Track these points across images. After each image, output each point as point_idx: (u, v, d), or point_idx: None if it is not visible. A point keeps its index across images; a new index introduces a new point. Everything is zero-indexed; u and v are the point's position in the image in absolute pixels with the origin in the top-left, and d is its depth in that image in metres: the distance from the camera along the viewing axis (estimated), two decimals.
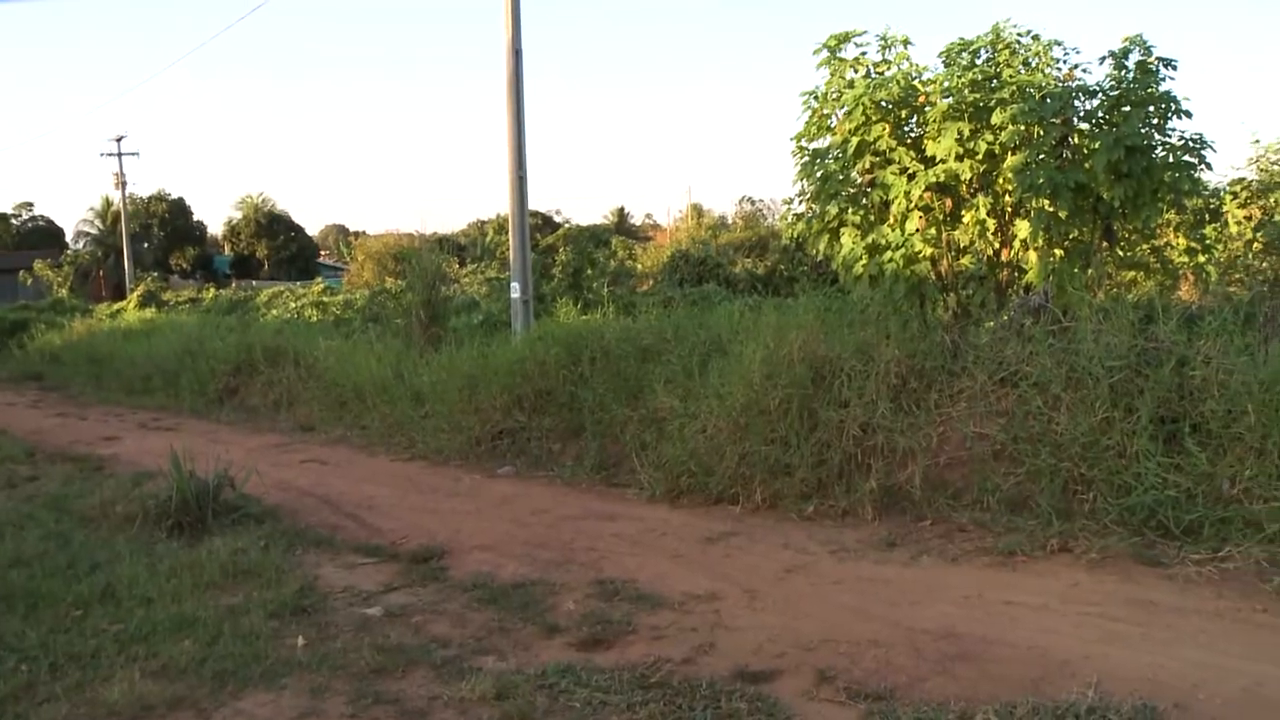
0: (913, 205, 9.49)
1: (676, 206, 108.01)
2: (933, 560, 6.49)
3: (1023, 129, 9.16)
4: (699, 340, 9.75)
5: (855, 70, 10.19)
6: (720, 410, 8.36)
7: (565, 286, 21.03)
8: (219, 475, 8.26)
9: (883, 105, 9.81)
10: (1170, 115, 9.20)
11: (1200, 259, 10.51)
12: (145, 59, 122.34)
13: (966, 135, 9.24)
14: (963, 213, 9.71)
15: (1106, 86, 9.41)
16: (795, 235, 10.95)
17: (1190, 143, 9.24)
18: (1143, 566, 6.00)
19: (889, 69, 10.14)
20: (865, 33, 10.21)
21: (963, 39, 9.94)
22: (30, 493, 9.77)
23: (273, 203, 65.73)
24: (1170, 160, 9.15)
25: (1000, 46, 9.71)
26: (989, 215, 9.44)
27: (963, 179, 9.41)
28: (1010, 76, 9.43)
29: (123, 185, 50.36)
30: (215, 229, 67.92)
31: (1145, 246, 10.09)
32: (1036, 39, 9.77)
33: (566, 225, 41.11)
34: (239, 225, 64.21)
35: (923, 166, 9.48)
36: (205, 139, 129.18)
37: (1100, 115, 9.43)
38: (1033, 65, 9.67)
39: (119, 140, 49.26)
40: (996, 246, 9.79)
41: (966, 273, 10.44)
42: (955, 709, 4.35)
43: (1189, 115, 9.19)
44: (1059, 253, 9.38)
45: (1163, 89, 9.18)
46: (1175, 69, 9.24)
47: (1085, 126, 9.48)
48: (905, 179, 9.49)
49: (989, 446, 7.33)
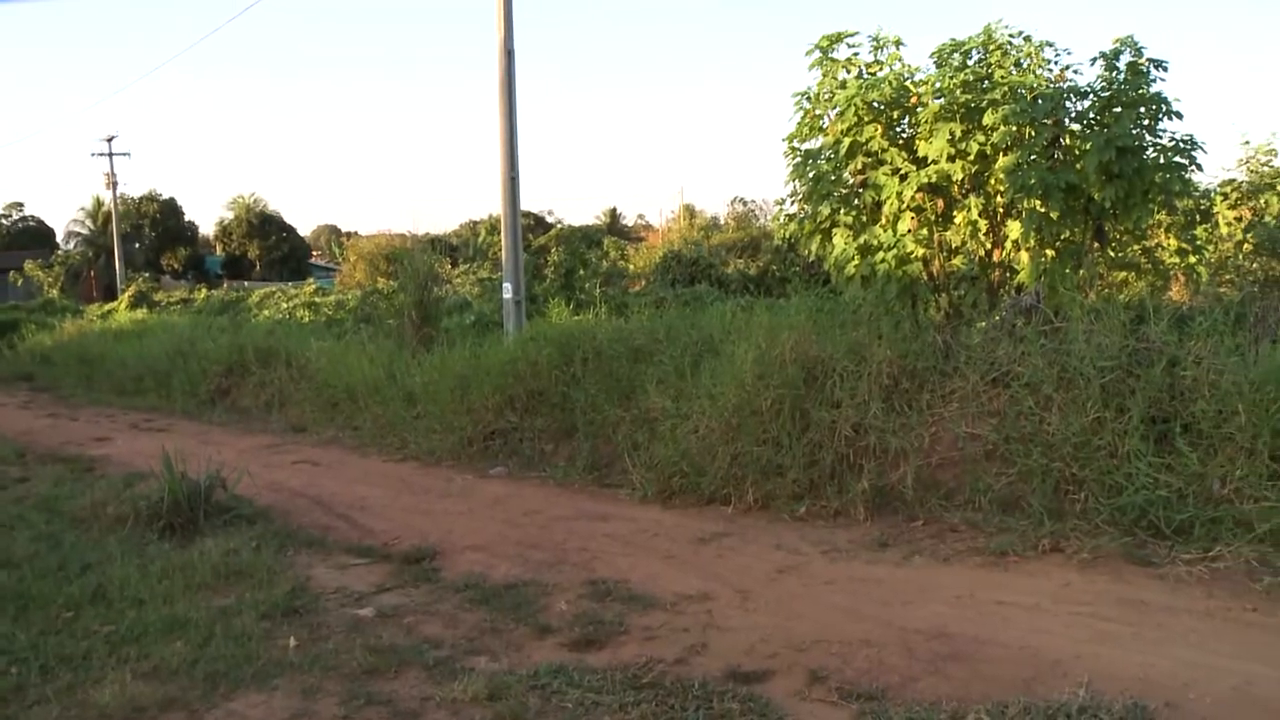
0: (905, 206, 9.52)
1: (669, 207, 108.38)
2: (925, 560, 6.49)
3: (1014, 130, 9.19)
4: (691, 341, 9.73)
5: (847, 71, 10.23)
6: (712, 411, 8.35)
7: (557, 287, 21.00)
8: (211, 476, 8.24)
9: (875, 106, 9.85)
10: (1161, 116, 9.24)
11: (1191, 260, 10.53)
12: (136, 59, 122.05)
13: (958, 136, 9.27)
14: (954, 213, 9.74)
15: (1098, 87, 9.45)
16: (787, 236, 10.99)
17: (1181, 144, 9.28)
18: (1134, 566, 6.01)
19: (881, 70, 10.18)
20: (857, 33, 10.27)
21: (954, 40, 9.98)
22: (21, 494, 9.73)
23: (264, 203, 65.62)
24: (1161, 161, 9.19)
25: (992, 47, 9.74)
26: (981, 216, 9.47)
27: (954, 180, 9.44)
28: (1002, 77, 9.47)
29: (114, 185, 50.32)
30: (207, 229, 67.79)
31: (1136, 247, 10.13)
32: (1028, 40, 9.80)
33: (559, 226, 41.14)
34: (231, 226, 64.04)
35: (915, 167, 9.51)
36: (197, 139, 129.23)
37: (1091, 116, 9.46)
38: (1024, 66, 9.71)
39: (110, 140, 49.28)
40: (988, 247, 9.82)
41: (958, 273, 10.47)
42: (947, 709, 4.35)
43: (1180, 116, 9.25)
44: (1050, 253, 9.40)
45: (1154, 90, 9.23)
46: (1166, 70, 9.30)
47: (1077, 127, 9.52)
48: (897, 180, 9.52)
49: (981, 447, 7.33)
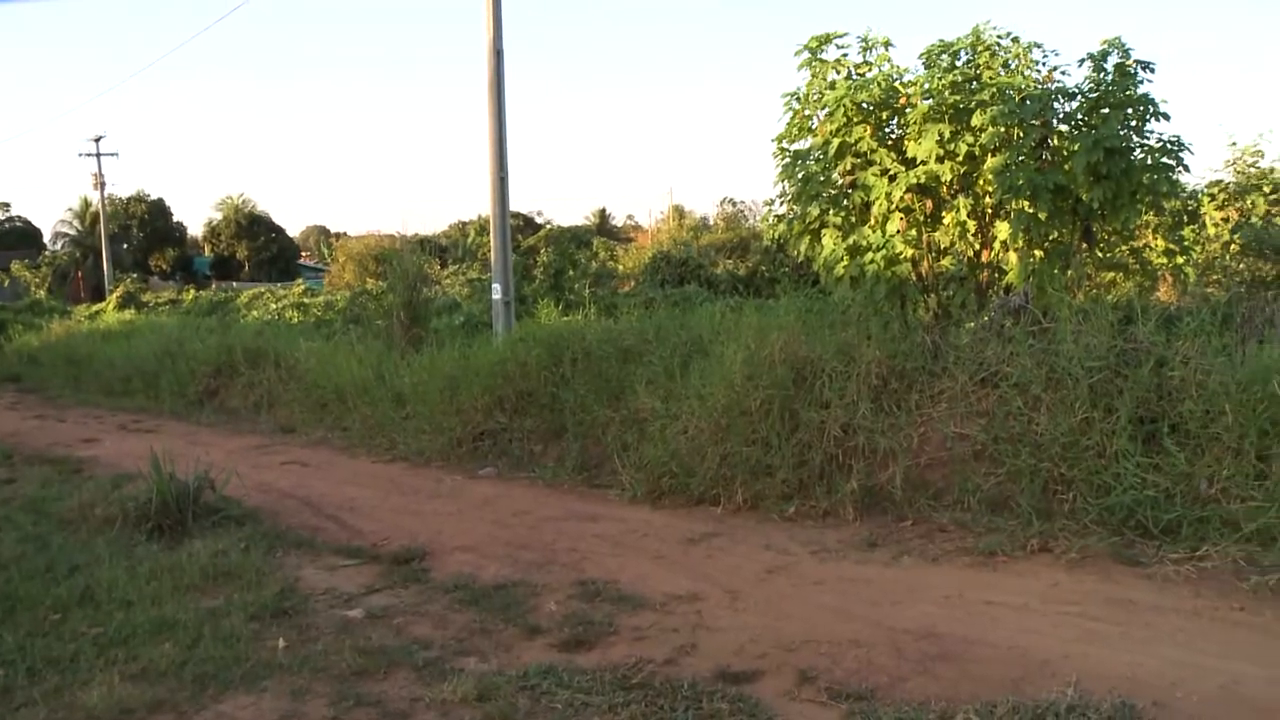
0: (894, 207, 9.53)
1: (658, 208, 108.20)
2: (914, 560, 6.50)
3: (1003, 131, 9.21)
4: (680, 341, 9.73)
5: (836, 72, 10.24)
6: (701, 411, 8.35)
7: (547, 288, 21.01)
8: (199, 477, 8.21)
9: (864, 107, 9.86)
10: (1148, 117, 9.27)
11: (1178, 260, 10.58)
12: (124, 59, 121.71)
13: (947, 137, 9.29)
14: (943, 214, 9.77)
15: (1085, 89, 9.48)
16: (776, 236, 10.99)
17: (1168, 145, 9.31)
18: (1122, 566, 6.03)
19: (870, 71, 10.20)
20: (846, 34, 10.28)
21: (943, 41, 10.01)
22: (8, 495, 9.69)
23: (253, 204, 65.55)
24: (1149, 162, 9.22)
25: (980, 48, 9.76)
26: (969, 216, 9.50)
27: (943, 180, 9.46)
28: (990, 78, 9.49)
29: (101, 186, 50.22)
30: (195, 230, 67.69)
31: (1124, 248, 10.16)
32: (1016, 41, 9.83)
33: (548, 226, 41.07)
34: (219, 226, 63.90)
35: (903, 168, 9.53)
36: (185, 140, 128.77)
37: (1079, 117, 9.49)
38: (1012, 67, 9.74)
39: (98, 140, 49.21)
40: (977, 248, 9.84)
41: (947, 274, 10.49)
42: (936, 709, 4.36)
43: (1167, 117, 9.28)
44: (1039, 254, 9.43)
45: (1141, 91, 9.25)
46: (1153, 72, 9.32)
47: (1064, 128, 9.55)
48: (886, 180, 9.54)
49: (969, 447, 7.35)
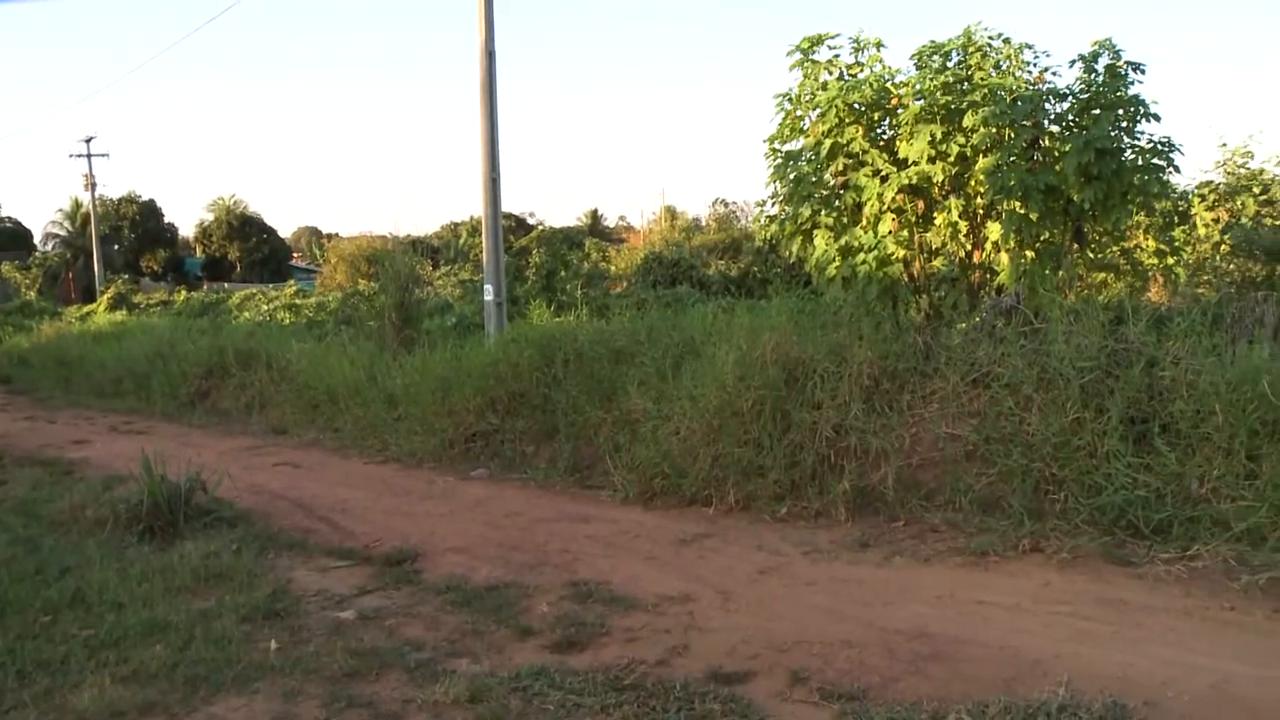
0: (885, 207, 9.54)
1: (650, 208, 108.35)
2: (905, 561, 6.51)
3: (994, 131, 9.23)
4: (672, 342, 9.72)
5: (828, 73, 10.25)
6: (693, 412, 8.35)
7: (539, 289, 20.99)
8: (191, 479, 8.19)
9: (855, 107, 9.88)
10: (1139, 118, 9.30)
11: (1169, 261, 10.62)
12: (115, 60, 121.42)
13: (939, 138, 9.30)
14: (935, 215, 9.78)
15: (1076, 90, 9.50)
16: (768, 237, 11.02)
17: (1159, 146, 9.34)
18: (1113, 566, 6.05)
19: (862, 71, 10.21)
20: (838, 35, 10.31)
21: (934, 41, 10.02)
22: None
23: (245, 204, 65.23)
24: (1139, 163, 9.25)
25: (972, 49, 9.78)
26: (961, 217, 9.51)
27: (935, 181, 9.47)
28: (981, 79, 9.51)
29: (92, 187, 50.07)
30: (186, 231, 67.31)
31: (1115, 248, 10.20)
32: (1007, 42, 9.85)
33: (540, 227, 41.14)
34: (210, 227, 63.67)
35: (895, 169, 9.54)
36: (177, 140, 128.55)
37: (1070, 118, 9.51)
38: (1004, 68, 9.75)
39: (88, 141, 49.04)
40: (968, 248, 9.86)
41: (939, 274, 10.51)
42: (928, 709, 4.36)
43: (1157, 119, 9.31)
44: (1030, 254, 9.45)
45: (1131, 92, 9.28)
46: (1143, 73, 9.36)
47: (1056, 129, 9.57)
48: (878, 181, 9.55)
49: (961, 447, 7.36)
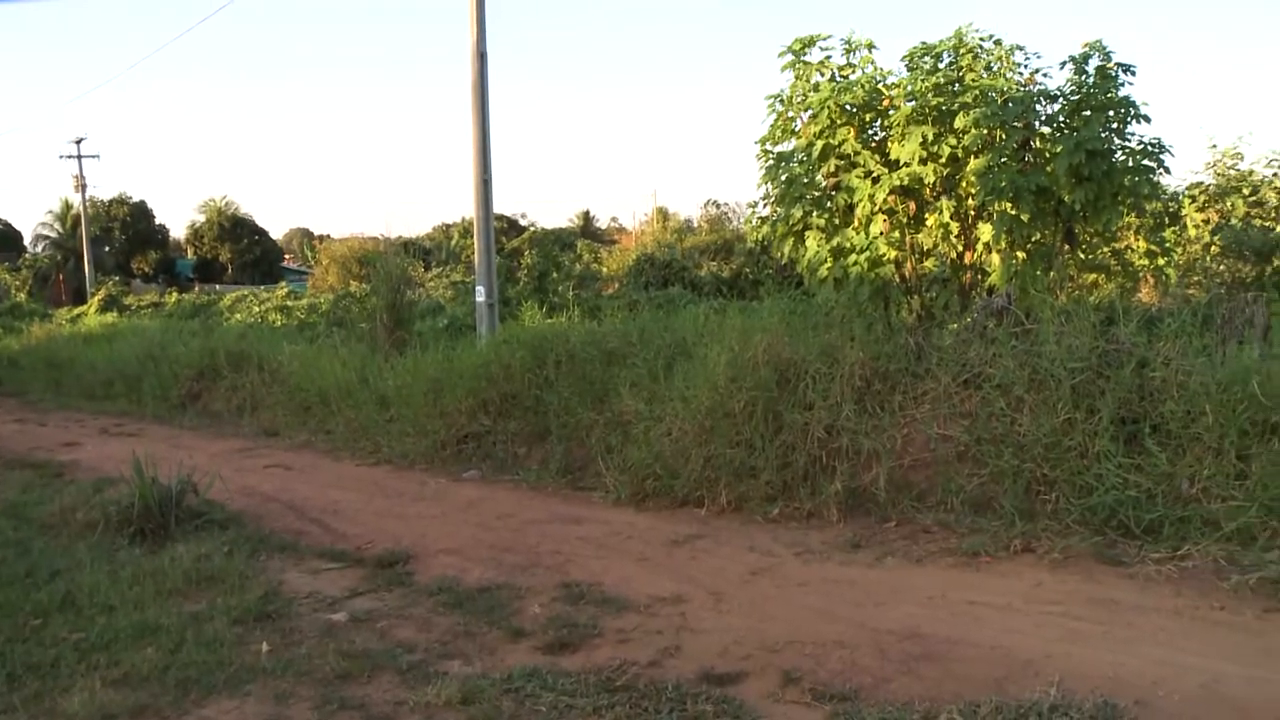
0: (877, 208, 9.56)
1: (642, 210, 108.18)
2: (897, 561, 6.51)
3: (985, 133, 9.25)
4: (664, 343, 9.72)
5: (820, 74, 10.26)
6: (685, 413, 8.35)
7: (530, 290, 20.96)
8: (182, 481, 8.17)
9: (847, 109, 9.89)
10: (1129, 120, 9.32)
11: (1160, 262, 10.63)
12: (106, 60, 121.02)
13: (930, 139, 9.31)
14: (926, 216, 9.80)
15: (1067, 91, 9.52)
16: (760, 238, 11.03)
17: (1149, 147, 9.36)
18: (1104, 566, 6.06)
19: (853, 73, 10.22)
20: (830, 37, 10.32)
21: (925, 43, 10.04)
22: None
23: (236, 206, 65.18)
24: (1130, 164, 9.27)
25: (963, 51, 9.80)
26: (952, 218, 9.53)
27: (926, 182, 9.49)
28: (973, 80, 9.53)
29: (83, 188, 49.96)
30: (178, 232, 67.25)
31: (1106, 249, 10.21)
32: (998, 44, 9.87)
33: (532, 229, 41.06)
34: (202, 229, 63.58)
35: (887, 170, 9.56)
36: (168, 142, 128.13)
37: (1061, 119, 9.54)
38: (995, 70, 9.77)
39: (79, 142, 48.96)
40: (960, 249, 9.88)
41: (930, 275, 10.52)
42: (920, 709, 4.37)
43: (1148, 120, 9.33)
44: (1021, 255, 9.47)
45: (1122, 94, 9.30)
46: (1134, 74, 9.37)
47: (1046, 130, 9.60)
48: (869, 182, 9.56)
49: (953, 448, 7.37)
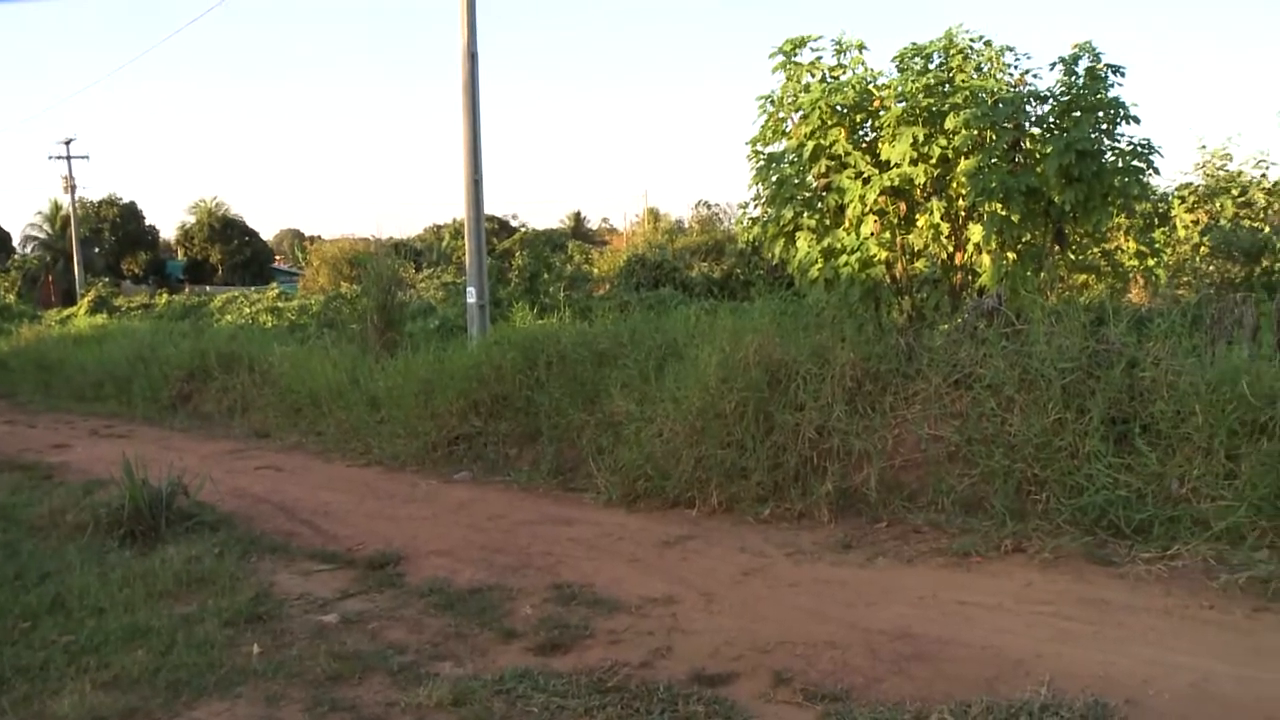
0: (868, 209, 9.57)
1: (633, 211, 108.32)
2: (888, 561, 6.52)
3: (975, 133, 9.27)
4: (655, 344, 9.72)
5: (811, 75, 10.27)
6: (676, 414, 8.35)
7: (521, 291, 20.94)
8: (172, 482, 8.15)
9: (838, 110, 9.90)
10: (1119, 120, 9.35)
11: (1149, 262, 10.67)
12: (95, 61, 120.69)
13: (921, 140, 9.33)
14: (917, 216, 9.81)
15: (1057, 92, 9.55)
16: (751, 239, 11.04)
17: (1139, 148, 9.39)
18: (1094, 566, 6.07)
19: (844, 74, 10.23)
20: (821, 38, 10.32)
21: (915, 44, 10.05)
22: None
23: (227, 207, 64.93)
24: (1120, 165, 9.30)
25: (953, 52, 9.81)
26: (943, 219, 9.54)
27: (917, 183, 9.50)
28: (963, 81, 9.55)
29: (72, 189, 49.73)
30: (168, 234, 66.96)
31: (1096, 250, 10.24)
32: (989, 44, 9.89)
33: (523, 230, 41.06)
34: (192, 230, 63.36)
35: (877, 171, 9.57)
36: (158, 142, 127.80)
37: (1051, 120, 9.56)
38: (985, 70, 9.79)
39: (68, 143, 48.71)
40: (950, 250, 9.89)
41: (921, 276, 10.54)
42: (911, 709, 4.38)
43: (1137, 121, 9.37)
44: (1012, 256, 9.49)
45: (1111, 95, 9.33)
46: (1123, 75, 9.41)
47: (1037, 131, 9.62)
48: (860, 183, 9.57)
49: (944, 448, 7.38)
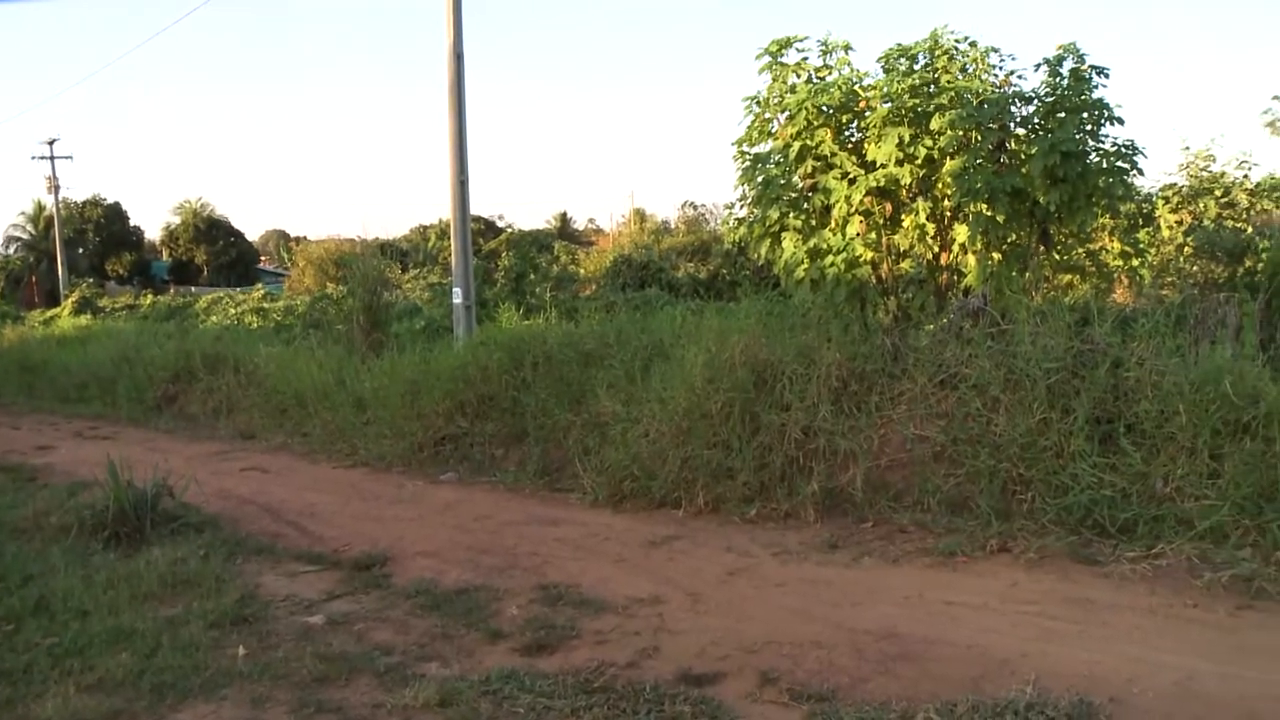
0: (853, 210, 9.58)
1: (619, 211, 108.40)
2: (874, 561, 6.54)
3: (961, 134, 9.30)
4: (641, 345, 9.73)
5: (797, 75, 10.28)
6: (662, 414, 8.36)
7: (508, 291, 20.88)
8: (157, 484, 8.11)
9: (824, 110, 9.91)
10: (1103, 121, 9.39)
11: (1134, 262, 10.73)
12: (79, 61, 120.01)
13: (906, 140, 9.35)
14: (903, 217, 9.84)
15: (1042, 93, 9.58)
16: (737, 239, 11.06)
17: (1123, 149, 9.43)
18: (1079, 565, 6.10)
19: (830, 74, 10.24)
20: (807, 38, 10.34)
21: (901, 45, 10.06)
22: None
23: (212, 208, 64.63)
24: (1104, 166, 9.33)
25: (938, 53, 9.83)
26: (928, 219, 9.57)
27: (903, 183, 9.52)
28: (948, 82, 9.57)
29: (56, 189, 49.47)
30: (153, 234, 66.65)
31: (1081, 250, 10.28)
32: (974, 45, 9.92)
33: (509, 230, 41.03)
34: (177, 230, 63.08)
35: (863, 171, 9.58)
36: (142, 143, 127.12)
37: (1036, 121, 9.59)
38: (970, 71, 9.81)
39: (52, 143, 48.44)
40: (936, 250, 9.92)
41: (906, 276, 10.57)
42: (897, 708, 4.38)
43: (1121, 122, 9.40)
44: (997, 256, 9.52)
45: (1096, 96, 9.36)
46: (1107, 77, 9.45)
47: (1021, 132, 9.65)
48: (846, 184, 9.59)
49: (929, 448, 7.40)
